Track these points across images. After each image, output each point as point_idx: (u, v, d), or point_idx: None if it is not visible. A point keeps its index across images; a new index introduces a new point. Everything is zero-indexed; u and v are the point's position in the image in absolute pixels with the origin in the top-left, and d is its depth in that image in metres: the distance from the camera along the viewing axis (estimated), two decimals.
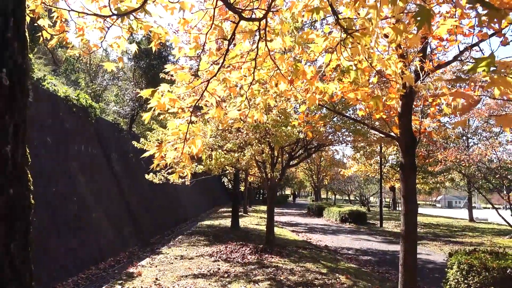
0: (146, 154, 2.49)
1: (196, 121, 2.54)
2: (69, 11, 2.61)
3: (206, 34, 2.53)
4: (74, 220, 8.55)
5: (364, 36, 2.23)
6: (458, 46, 4.44)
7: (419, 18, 1.63)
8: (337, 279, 7.22)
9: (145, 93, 2.35)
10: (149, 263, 8.45)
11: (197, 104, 2.54)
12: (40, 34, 2.83)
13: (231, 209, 16.50)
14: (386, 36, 3.00)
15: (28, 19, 2.72)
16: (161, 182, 9.86)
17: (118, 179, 12.20)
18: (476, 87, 4.91)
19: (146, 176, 9.77)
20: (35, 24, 2.79)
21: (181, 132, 2.39)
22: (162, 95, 2.39)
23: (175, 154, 2.35)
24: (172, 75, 2.82)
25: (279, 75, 2.86)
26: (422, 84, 3.15)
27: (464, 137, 22.83)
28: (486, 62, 1.49)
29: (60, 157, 8.82)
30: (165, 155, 2.35)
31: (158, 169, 2.45)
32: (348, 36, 2.27)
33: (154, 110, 2.39)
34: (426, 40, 4.77)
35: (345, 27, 2.27)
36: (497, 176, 16.14)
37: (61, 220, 8.03)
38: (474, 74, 1.52)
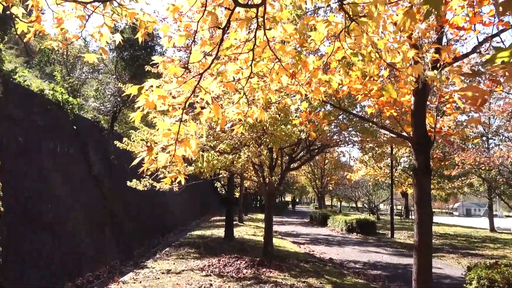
0: (136, 161, 2.48)
1: (188, 120, 2.54)
2: None
3: (198, 22, 2.55)
4: (47, 227, 8.52)
5: (369, 22, 2.26)
6: (477, 36, 4.48)
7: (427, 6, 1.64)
8: None
9: (131, 90, 2.35)
10: (133, 278, 8.43)
11: (191, 101, 2.55)
12: (12, 24, 2.84)
13: (224, 217, 16.49)
14: (395, 24, 3.03)
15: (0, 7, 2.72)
16: (146, 189, 9.85)
17: (98, 182, 12.17)
18: (495, 82, 4.97)
19: (129, 183, 9.75)
20: (8, 13, 2.79)
21: (172, 132, 2.40)
22: (150, 92, 2.40)
23: (167, 157, 2.35)
24: (158, 67, 2.82)
25: (279, 68, 2.88)
26: (433, 75, 3.18)
27: (484, 138, 22.96)
28: (508, 52, 1.48)
29: (32, 158, 8.80)
30: (155, 158, 2.36)
31: (148, 173, 2.46)
32: (353, 22, 2.30)
33: (143, 109, 2.39)
34: (442, 30, 4.82)
35: (349, 12, 2.30)
36: None
37: (32, 227, 8.00)
38: (492, 65, 1.54)
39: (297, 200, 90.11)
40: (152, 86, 2.44)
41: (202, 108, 2.77)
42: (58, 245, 8.65)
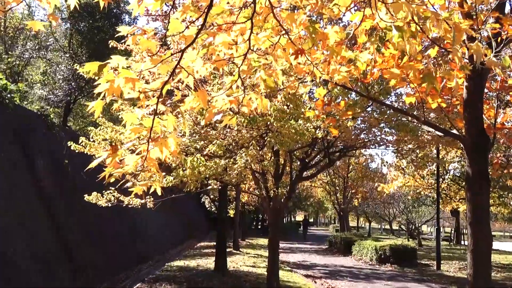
0: (93, 164, 2.46)
1: (166, 112, 2.53)
2: None
3: None
4: None
5: None
6: None
7: None
8: None
9: (89, 67, 2.34)
10: None
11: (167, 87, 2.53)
12: None
13: (214, 243, 16.46)
14: None
15: None
16: (109, 205, 9.84)
17: (46, 196, 12.15)
18: None
19: (87, 197, 9.73)
20: None
21: (144, 128, 2.38)
22: (115, 73, 2.38)
23: (137, 160, 2.34)
24: (126, 42, 2.81)
25: (287, 42, 2.87)
26: (494, 59, 3.16)
27: None
28: None
29: None
30: (121, 160, 2.34)
31: (111, 180, 2.45)
32: None
33: (105, 96, 2.37)
34: None
35: None
36: None
37: None
38: None
39: (311, 220, 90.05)
40: (118, 65, 2.42)
41: (184, 96, 2.76)
42: None
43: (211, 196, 25.99)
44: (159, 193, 2.44)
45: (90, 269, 13.27)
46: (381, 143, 11.91)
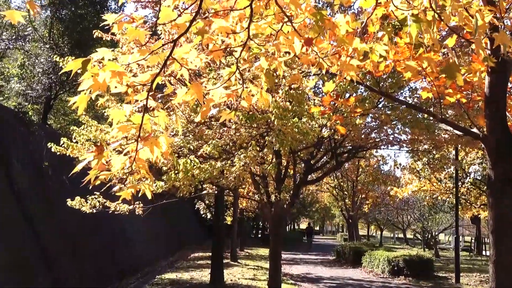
0: (78, 168, 2.46)
1: (157, 108, 2.53)
2: None
3: None
4: None
5: None
6: None
7: None
8: None
9: (72, 65, 2.34)
10: None
11: (158, 81, 2.53)
12: None
13: (210, 253, 16.45)
14: None
15: None
16: (95, 212, 9.85)
17: (24, 203, 12.15)
18: None
19: (70, 202, 9.73)
20: None
21: (133, 126, 2.39)
22: (100, 67, 2.38)
23: (124, 161, 2.34)
24: (112, 30, 2.81)
25: (291, 31, 2.87)
26: None
27: None
28: None
29: None
30: (108, 162, 2.34)
31: (97, 183, 2.45)
32: None
33: (90, 92, 2.37)
34: None
35: None
36: None
37: None
38: None
39: (317, 228, 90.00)
40: (103, 58, 2.42)
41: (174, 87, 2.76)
42: None
43: (206, 202, 25.90)
44: (149, 198, 2.45)
45: (71, 281, 13.27)
46: (394, 143, 11.91)
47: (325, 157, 12.47)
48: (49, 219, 13.18)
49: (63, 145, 10.00)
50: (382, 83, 9.23)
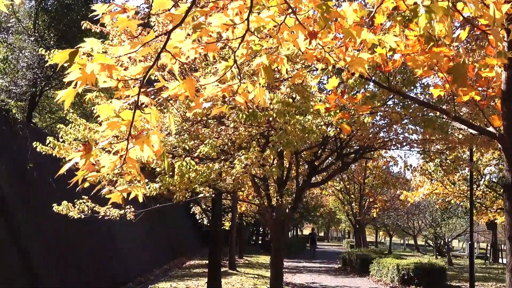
0: (64, 169, 2.44)
1: (148, 104, 2.52)
2: None
3: None
4: None
5: None
6: None
7: None
8: None
9: (59, 57, 2.32)
10: None
11: (150, 75, 2.52)
12: None
13: (207, 261, 16.43)
14: None
15: None
16: (82, 217, 9.83)
17: (6, 206, 12.14)
18: None
19: (56, 207, 9.71)
20: None
21: (123, 123, 2.37)
22: (89, 59, 2.37)
23: (114, 161, 2.32)
24: (102, 21, 2.80)
25: (295, 24, 2.85)
26: None
27: None
28: None
29: None
30: (97, 161, 2.32)
31: (86, 185, 2.43)
32: None
33: (76, 85, 2.36)
34: None
35: None
36: None
37: None
38: None
39: (321, 234, 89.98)
40: (92, 50, 2.41)
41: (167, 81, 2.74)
42: None
43: (203, 206, 25.91)
44: (141, 201, 2.43)
45: None
46: (404, 143, 11.90)
47: (330, 158, 12.46)
48: (34, 226, 13.15)
49: (49, 145, 9.98)
50: (392, 79, 9.20)
